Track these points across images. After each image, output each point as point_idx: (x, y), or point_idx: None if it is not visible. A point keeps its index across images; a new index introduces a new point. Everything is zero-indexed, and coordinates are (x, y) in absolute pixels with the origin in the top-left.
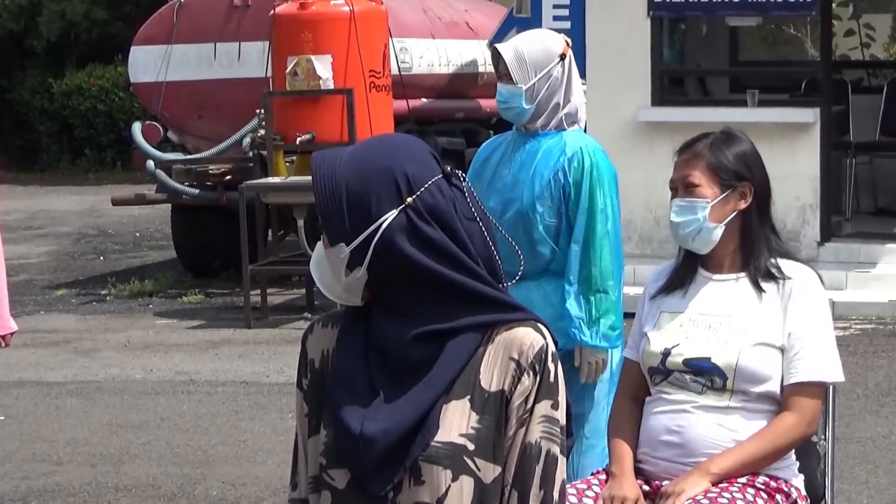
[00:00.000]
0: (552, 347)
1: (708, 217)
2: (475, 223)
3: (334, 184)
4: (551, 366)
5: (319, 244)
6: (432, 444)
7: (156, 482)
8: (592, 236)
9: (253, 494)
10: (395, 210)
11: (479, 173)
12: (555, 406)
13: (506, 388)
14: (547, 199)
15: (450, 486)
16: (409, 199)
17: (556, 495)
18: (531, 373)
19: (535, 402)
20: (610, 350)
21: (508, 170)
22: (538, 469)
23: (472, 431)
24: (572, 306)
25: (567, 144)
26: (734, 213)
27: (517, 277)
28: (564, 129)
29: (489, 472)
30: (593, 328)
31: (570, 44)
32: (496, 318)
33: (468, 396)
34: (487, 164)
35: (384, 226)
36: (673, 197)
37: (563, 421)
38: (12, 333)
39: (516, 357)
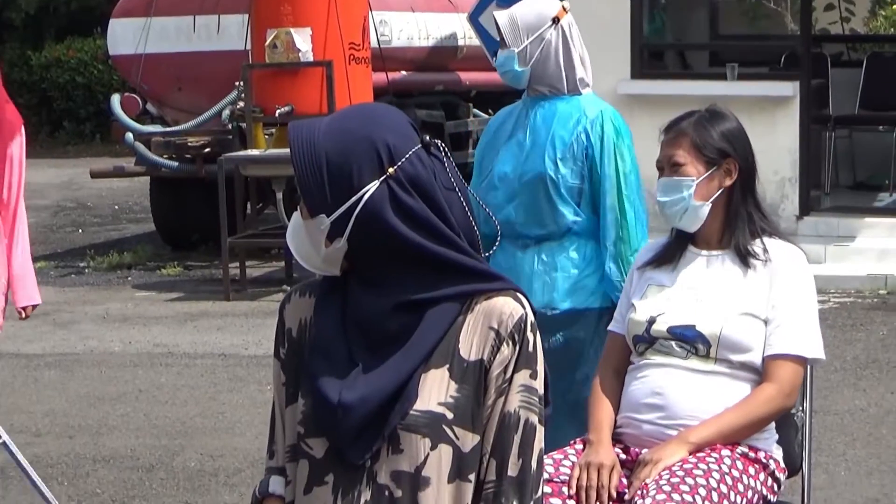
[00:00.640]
0: (531, 317)
1: (693, 195)
2: (454, 193)
3: (314, 154)
4: (530, 335)
5: (296, 214)
6: (411, 412)
7: (134, 453)
8: (621, 200)
9: (231, 466)
10: (376, 181)
11: (492, 141)
12: (533, 375)
13: (485, 357)
14: (569, 161)
15: (428, 454)
16: (391, 170)
17: (533, 464)
18: (510, 342)
19: (514, 372)
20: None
21: (524, 134)
22: (516, 438)
23: (450, 400)
24: (612, 270)
25: (586, 108)
26: (720, 191)
27: (497, 242)
28: (579, 94)
29: (468, 440)
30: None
31: (568, 9)
32: (475, 288)
33: (447, 365)
34: (501, 131)
35: (366, 197)
36: (660, 176)
37: (541, 391)
38: (34, 306)
39: (496, 326)
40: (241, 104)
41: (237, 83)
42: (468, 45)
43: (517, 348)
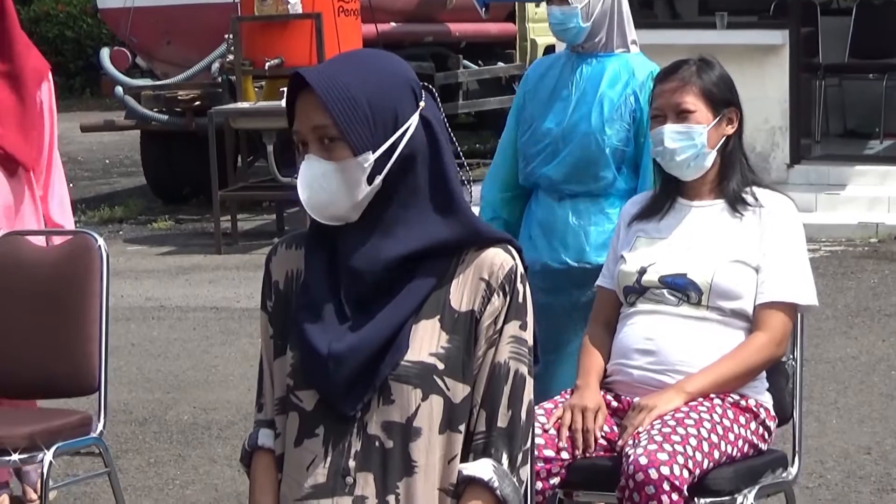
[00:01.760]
0: (521, 269)
1: (706, 143)
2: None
3: (350, 92)
4: (520, 287)
5: (312, 162)
6: (402, 363)
7: (127, 407)
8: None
9: (224, 419)
10: (416, 114)
11: (532, 92)
12: (523, 327)
13: (476, 308)
14: (616, 122)
15: (419, 405)
16: (422, 104)
17: (523, 415)
18: (501, 293)
19: (504, 323)
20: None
21: (569, 91)
22: (506, 389)
23: (441, 351)
24: None
25: (635, 69)
26: (722, 139)
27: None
28: (627, 52)
29: (458, 391)
30: None
31: None
32: (468, 238)
33: (438, 316)
34: (542, 84)
35: (411, 130)
36: (660, 124)
37: (531, 342)
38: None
39: (486, 277)
40: (231, 57)
41: (226, 36)
42: None
43: (507, 299)
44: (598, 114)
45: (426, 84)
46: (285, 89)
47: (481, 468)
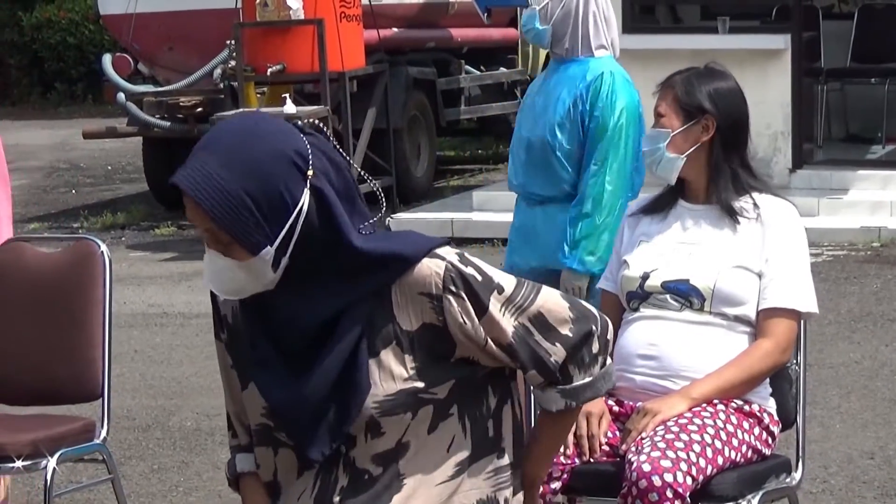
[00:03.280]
0: (455, 260)
1: (666, 147)
2: (341, 170)
3: (233, 198)
4: (468, 272)
5: (210, 258)
6: (385, 397)
7: (130, 413)
8: (600, 162)
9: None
10: (305, 188)
11: (524, 102)
12: (499, 290)
13: (428, 320)
14: (566, 126)
15: (409, 424)
16: (310, 172)
17: (568, 331)
18: (451, 296)
19: (487, 310)
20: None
21: (541, 98)
22: (537, 339)
23: (413, 372)
24: (567, 230)
25: (590, 71)
26: (697, 145)
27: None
28: (592, 56)
29: (443, 390)
30: (573, 251)
31: None
32: (392, 275)
33: (394, 342)
34: (530, 94)
35: (305, 209)
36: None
37: (510, 283)
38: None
39: (424, 291)
40: (233, 63)
41: (228, 42)
42: (459, 1)
43: (465, 295)
44: (552, 117)
45: (297, 124)
46: (287, 95)
47: (549, 399)
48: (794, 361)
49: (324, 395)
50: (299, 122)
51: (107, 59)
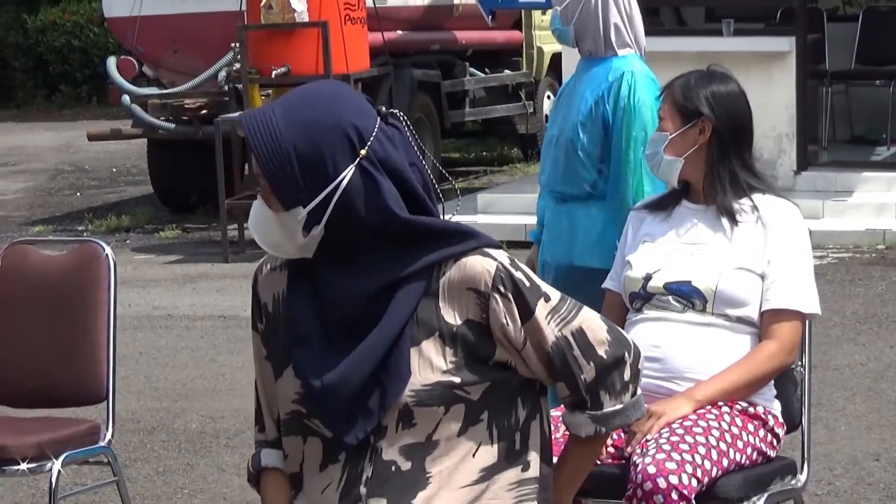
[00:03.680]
0: (506, 262)
1: (664, 150)
2: (415, 167)
3: (281, 150)
4: (517, 276)
5: (259, 205)
6: (421, 387)
7: (135, 416)
8: (626, 163)
9: (232, 427)
10: (352, 165)
11: (557, 101)
12: (546, 299)
13: (472, 316)
14: (588, 125)
15: (440, 419)
16: (363, 152)
17: (603, 353)
18: (498, 296)
19: (532, 314)
20: None
21: (569, 97)
22: (574, 353)
23: (452, 366)
24: (607, 231)
25: (612, 69)
26: (694, 148)
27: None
28: (615, 55)
29: (477, 391)
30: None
31: None
32: (443, 255)
33: (436, 334)
34: (561, 94)
35: (343, 183)
36: None
37: (555, 295)
38: None
39: (472, 286)
40: (237, 65)
41: (233, 44)
42: (464, 3)
43: (512, 297)
44: (575, 117)
45: (381, 110)
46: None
47: (579, 424)
48: (799, 363)
49: (364, 378)
50: (382, 108)
51: (111, 62)
